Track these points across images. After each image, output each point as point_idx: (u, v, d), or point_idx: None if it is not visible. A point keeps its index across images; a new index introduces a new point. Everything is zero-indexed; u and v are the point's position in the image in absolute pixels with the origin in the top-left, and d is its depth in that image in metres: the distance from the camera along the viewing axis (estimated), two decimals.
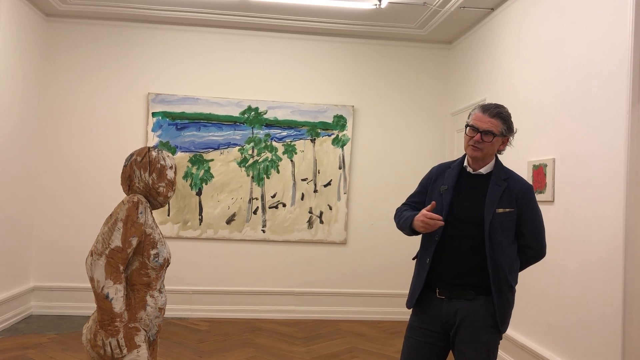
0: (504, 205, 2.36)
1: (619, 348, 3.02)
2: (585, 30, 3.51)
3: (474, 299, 2.34)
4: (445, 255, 2.39)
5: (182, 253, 5.56)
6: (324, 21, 5.58)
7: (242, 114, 5.77)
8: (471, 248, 2.36)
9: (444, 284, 2.39)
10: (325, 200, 5.86)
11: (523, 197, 2.40)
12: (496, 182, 2.40)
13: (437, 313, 2.39)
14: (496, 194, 2.37)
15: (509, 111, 2.43)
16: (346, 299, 5.86)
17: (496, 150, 2.42)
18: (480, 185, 2.42)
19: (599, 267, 3.23)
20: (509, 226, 2.37)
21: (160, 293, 2.30)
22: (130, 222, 2.14)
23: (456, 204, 2.41)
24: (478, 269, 2.35)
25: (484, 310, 2.34)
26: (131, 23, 5.67)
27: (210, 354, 4.45)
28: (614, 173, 3.13)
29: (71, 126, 5.61)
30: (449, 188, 2.45)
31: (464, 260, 2.37)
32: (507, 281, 2.35)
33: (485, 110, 2.38)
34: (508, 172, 2.46)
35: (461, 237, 2.38)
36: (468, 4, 4.83)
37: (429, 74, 6.03)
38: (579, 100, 3.53)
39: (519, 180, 2.45)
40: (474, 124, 2.38)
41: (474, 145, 2.38)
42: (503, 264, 2.33)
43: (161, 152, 2.31)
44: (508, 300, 2.37)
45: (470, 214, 2.38)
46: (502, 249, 2.33)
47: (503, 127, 2.37)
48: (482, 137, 2.35)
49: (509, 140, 2.44)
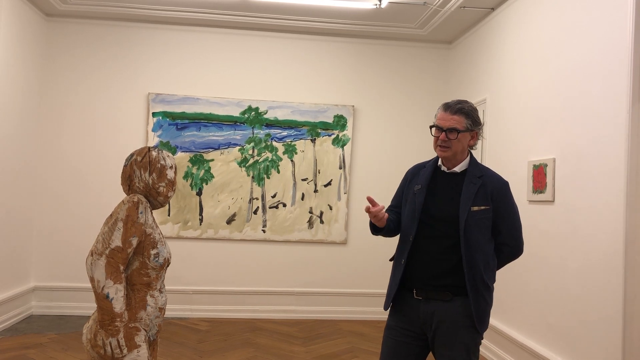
0: (479, 203, 2.32)
1: (620, 348, 3.02)
2: (585, 29, 3.51)
3: (451, 300, 2.31)
4: (421, 255, 2.36)
5: (182, 253, 5.57)
6: (324, 21, 5.58)
7: (242, 114, 5.77)
8: (447, 248, 2.32)
9: (421, 284, 2.36)
10: (326, 200, 5.86)
11: (499, 193, 2.36)
12: (471, 179, 2.36)
13: (415, 314, 2.37)
14: (471, 192, 2.33)
15: (472, 105, 2.39)
16: (346, 298, 5.86)
17: (466, 146, 2.39)
18: (455, 184, 2.38)
19: (599, 266, 3.23)
20: (486, 224, 2.33)
21: (161, 293, 2.30)
22: (131, 222, 2.14)
23: (431, 203, 2.38)
24: (455, 269, 2.31)
25: (461, 310, 2.30)
26: (131, 23, 5.67)
27: (210, 354, 4.45)
28: (614, 172, 3.13)
29: (71, 126, 5.61)
30: (422, 187, 2.42)
31: (440, 260, 2.33)
32: (483, 280, 2.31)
33: (446, 108, 2.36)
34: (483, 169, 2.43)
35: (437, 237, 2.34)
36: (468, 4, 4.83)
37: (429, 73, 6.04)
38: (579, 100, 3.53)
39: (494, 176, 2.42)
40: (438, 123, 2.36)
41: (441, 145, 2.36)
42: (479, 263, 2.29)
43: (161, 152, 2.31)
44: (485, 300, 2.33)
45: (445, 212, 2.35)
46: (478, 247, 2.30)
47: (467, 122, 2.33)
48: (447, 135, 2.32)
49: (478, 134, 2.40)
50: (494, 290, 2.39)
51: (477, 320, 2.29)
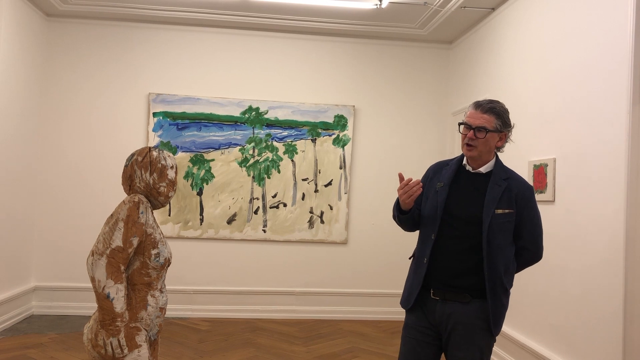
0: (503, 206, 2.28)
1: (620, 348, 3.02)
2: (585, 29, 3.51)
3: (469, 302, 2.28)
4: (441, 254, 2.32)
5: (183, 253, 5.57)
6: (324, 21, 5.58)
7: (242, 114, 5.77)
8: (468, 249, 2.28)
9: (439, 284, 2.32)
10: (326, 200, 5.86)
11: (523, 198, 2.33)
12: (496, 181, 2.31)
13: (431, 313, 2.34)
14: (496, 194, 2.29)
15: (504, 106, 2.34)
16: (347, 298, 5.86)
17: (493, 147, 2.34)
18: (479, 185, 2.34)
19: (599, 267, 3.23)
20: (508, 227, 2.30)
21: (161, 293, 2.30)
22: (131, 222, 2.14)
23: (453, 202, 2.33)
24: (474, 270, 2.28)
25: (478, 313, 2.28)
26: (132, 23, 5.67)
27: (211, 354, 4.46)
28: (614, 173, 3.13)
29: (72, 126, 5.61)
30: (444, 185, 2.36)
31: (461, 260, 2.29)
32: (502, 284, 2.29)
33: (477, 107, 2.31)
34: (508, 171, 2.39)
35: (458, 237, 2.30)
36: (468, 4, 4.83)
37: (430, 73, 6.03)
38: (579, 100, 3.53)
39: (519, 180, 2.38)
40: (467, 121, 2.32)
41: (468, 144, 2.31)
42: (499, 267, 2.26)
43: (162, 152, 2.31)
44: (502, 303, 2.31)
45: (467, 213, 2.31)
46: (499, 250, 2.26)
47: (497, 122, 2.29)
48: (475, 133, 2.28)
49: (507, 136, 2.35)
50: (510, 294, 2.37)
51: (494, 323, 2.27)
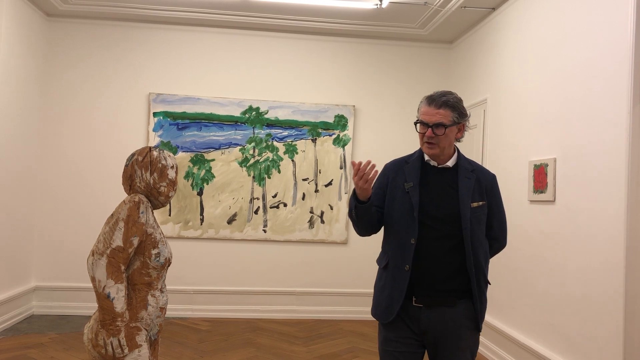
0: (477, 198, 2.22)
1: (620, 348, 3.02)
2: (586, 29, 3.51)
3: (455, 304, 2.20)
4: (425, 259, 2.19)
5: (183, 253, 5.57)
6: (324, 21, 5.58)
7: (243, 114, 5.77)
8: (451, 249, 2.19)
9: (423, 290, 2.19)
10: (327, 200, 5.86)
11: (492, 188, 2.30)
12: (465, 174, 2.25)
13: (415, 322, 2.21)
14: (468, 187, 2.22)
15: (457, 96, 2.26)
16: (347, 298, 5.86)
17: (453, 140, 2.26)
18: (449, 179, 2.25)
19: (600, 266, 3.23)
20: (483, 220, 2.25)
21: (162, 293, 2.30)
22: (132, 222, 2.14)
23: (427, 202, 2.21)
24: (458, 271, 2.20)
25: (465, 314, 2.21)
26: (132, 23, 5.67)
27: (211, 354, 4.46)
28: (615, 172, 3.13)
29: (72, 126, 5.61)
30: (414, 185, 2.24)
31: (446, 262, 2.19)
32: (485, 278, 2.26)
33: (431, 102, 2.21)
34: (472, 162, 2.34)
35: (439, 238, 2.19)
36: (469, 4, 4.82)
37: (430, 73, 6.03)
38: (580, 100, 3.52)
39: (484, 170, 2.34)
40: (423, 119, 2.21)
41: (428, 142, 2.22)
42: (482, 261, 2.22)
43: (162, 152, 2.31)
44: (485, 297, 2.28)
45: (445, 211, 2.20)
46: (479, 244, 2.22)
47: (454, 115, 2.20)
48: (434, 131, 2.18)
49: (465, 126, 2.27)
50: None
51: (480, 319, 2.24)
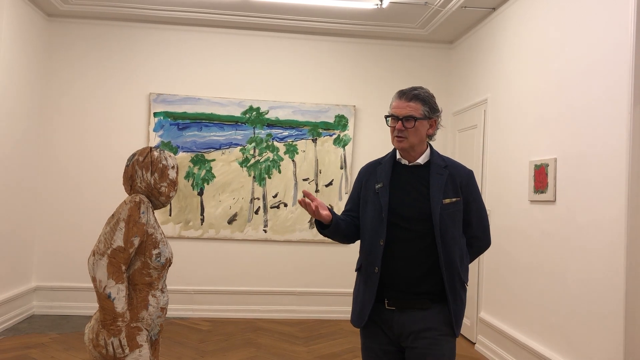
0: (450, 194, 2.16)
1: (621, 348, 3.02)
2: (586, 30, 3.51)
3: (429, 308, 2.12)
4: (394, 260, 2.15)
5: (183, 253, 5.57)
6: (325, 21, 5.58)
7: (243, 114, 5.77)
8: (423, 249, 2.13)
9: (394, 293, 2.15)
10: (327, 200, 5.86)
11: (468, 184, 2.23)
12: (437, 171, 2.20)
13: (388, 326, 2.16)
14: (440, 184, 2.16)
15: (429, 91, 2.23)
16: (348, 298, 5.84)
17: (424, 136, 2.22)
18: (420, 177, 2.21)
19: (600, 266, 3.23)
20: (458, 217, 2.18)
21: (162, 293, 2.30)
22: (132, 222, 2.14)
23: (397, 202, 2.18)
24: (431, 272, 2.13)
25: (441, 318, 2.13)
26: (132, 23, 5.67)
27: (211, 354, 4.46)
28: (615, 173, 3.13)
29: (73, 126, 5.62)
30: (384, 185, 2.22)
31: (416, 264, 2.13)
32: (460, 279, 2.16)
33: (401, 95, 2.19)
34: (446, 159, 2.28)
35: (410, 239, 2.15)
36: (469, 4, 4.82)
37: (431, 73, 6.03)
38: (580, 100, 3.52)
39: (459, 166, 2.28)
40: (393, 112, 2.20)
41: (398, 136, 2.19)
42: (456, 260, 2.14)
43: (163, 152, 2.31)
44: (462, 300, 2.18)
45: (416, 210, 2.15)
46: (454, 243, 2.14)
47: (424, 108, 2.17)
48: (404, 124, 2.16)
49: (437, 123, 2.23)
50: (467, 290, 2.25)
51: (456, 324, 2.14)
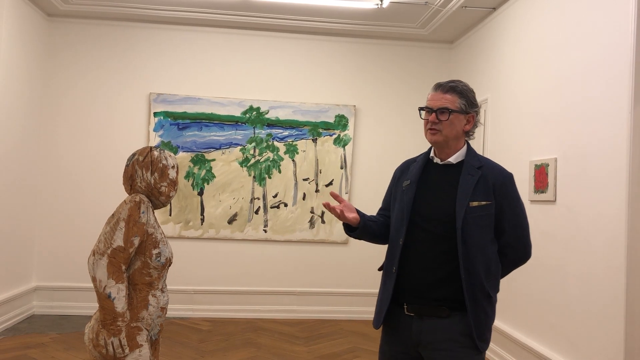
0: (478, 197, 2.00)
1: (621, 347, 3.02)
2: (587, 29, 3.50)
3: (448, 316, 1.99)
4: (412, 262, 2.04)
5: (183, 253, 5.56)
6: (325, 21, 5.58)
7: (243, 114, 5.77)
8: (443, 252, 2.00)
9: (413, 298, 2.03)
10: (327, 200, 5.85)
11: (502, 186, 2.05)
12: (469, 171, 2.05)
13: (407, 333, 2.04)
14: (469, 184, 2.02)
15: (468, 85, 2.11)
16: (348, 298, 5.86)
17: (461, 132, 2.08)
18: (451, 177, 2.07)
19: (600, 266, 3.23)
20: (486, 222, 2.01)
21: (162, 292, 2.30)
22: (132, 222, 2.14)
23: (422, 201, 2.07)
24: (451, 278, 1.99)
25: (460, 328, 1.98)
26: (133, 23, 5.67)
27: (211, 354, 4.46)
28: (616, 172, 3.12)
29: (73, 126, 5.61)
30: (411, 183, 2.11)
31: (434, 267, 2.01)
32: (484, 289, 1.99)
33: (438, 87, 2.08)
34: (483, 159, 2.12)
35: (430, 240, 2.03)
36: (469, 4, 4.82)
37: (431, 73, 6.02)
38: (580, 100, 3.52)
39: (496, 168, 2.11)
40: (428, 104, 2.08)
41: (431, 128, 2.06)
42: (478, 268, 1.98)
43: (163, 152, 2.31)
44: (486, 313, 2.01)
45: (439, 210, 2.03)
46: (477, 249, 1.99)
47: (461, 101, 2.04)
48: (438, 116, 2.04)
49: (474, 119, 2.10)
50: (497, 301, 2.08)
51: (477, 336, 1.98)
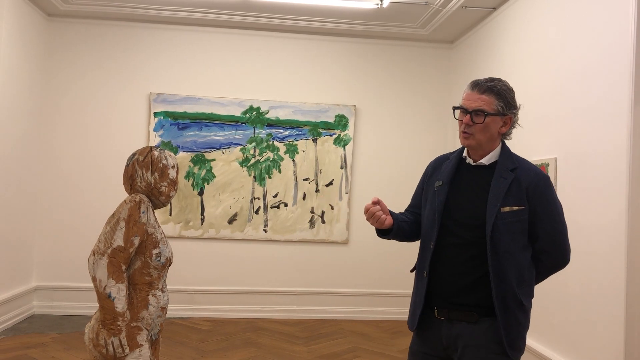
0: (510, 202, 1.92)
1: (621, 347, 3.02)
2: (587, 29, 3.50)
3: (478, 321, 1.94)
4: (442, 266, 2.00)
5: (183, 253, 5.56)
6: (325, 21, 5.58)
7: (243, 114, 5.77)
8: (472, 257, 1.95)
9: (442, 301, 2.00)
10: (327, 199, 5.86)
11: (536, 190, 1.95)
12: (501, 173, 1.96)
13: (437, 337, 2.02)
14: (501, 189, 1.93)
15: (507, 85, 2.00)
16: (348, 298, 5.86)
17: (496, 134, 1.99)
18: (482, 180, 1.99)
19: (601, 266, 3.23)
20: (519, 228, 1.94)
21: (163, 292, 2.30)
22: (133, 222, 2.14)
23: (453, 203, 2.01)
24: (481, 284, 1.94)
25: (489, 334, 1.93)
26: (133, 23, 5.67)
27: (211, 354, 4.46)
28: (616, 172, 3.12)
29: (72, 126, 5.61)
30: (443, 184, 2.03)
31: (464, 272, 1.96)
32: (516, 297, 1.93)
33: (474, 87, 1.97)
34: (518, 160, 2.02)
35: (460, 244, 1.98)
36: (470, 4, 4.82)
37: (431, 73, 6.03)
38: (581, 100, 3.52)
39: (531, 169, 2.00)
40: (463, 104, 1.98)
41: (464, 132, 1.98)
42: (509, 275, 1.92)
43: (163, 152, 2.31)
44: (518, 320, 1.95)
45: (469, 214, 1.97)
46: (508, 256, 1.92)
47: (498, 103, 1.94)
48: (472, 118, 1.94)
49: (512, 120, 2.00)
50: (531, 307, 2.02)
51: (508, 344, 1.91)
